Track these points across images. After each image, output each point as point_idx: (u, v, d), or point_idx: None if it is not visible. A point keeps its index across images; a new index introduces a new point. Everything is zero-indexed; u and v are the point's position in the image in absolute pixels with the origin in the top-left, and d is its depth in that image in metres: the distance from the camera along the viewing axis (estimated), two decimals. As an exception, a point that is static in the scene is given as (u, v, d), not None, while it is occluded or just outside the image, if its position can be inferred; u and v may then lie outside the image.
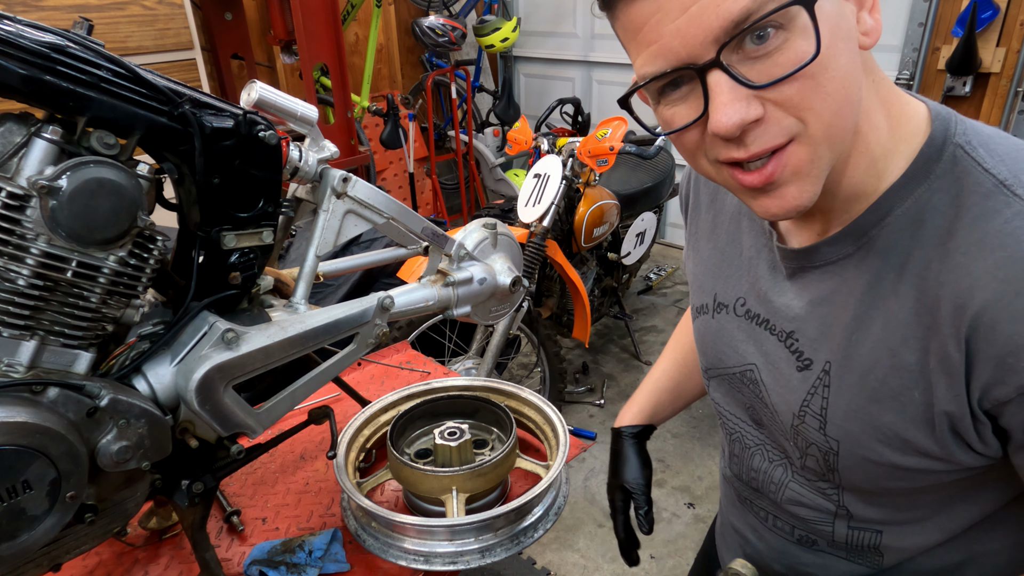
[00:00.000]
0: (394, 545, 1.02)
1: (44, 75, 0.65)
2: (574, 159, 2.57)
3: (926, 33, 3.11)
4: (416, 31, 3.87)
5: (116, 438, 0.75)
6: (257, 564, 1.02)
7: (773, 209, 0.55)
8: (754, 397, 0.72)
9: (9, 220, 0.66)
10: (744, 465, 0.78)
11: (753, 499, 0.78)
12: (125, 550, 1.08)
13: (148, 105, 0.72)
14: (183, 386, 0.80)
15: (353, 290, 2.32)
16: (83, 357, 0.75)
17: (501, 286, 1.12)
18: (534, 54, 4.89)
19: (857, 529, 0.67)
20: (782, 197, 0.54)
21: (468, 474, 1.05)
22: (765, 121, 0.50)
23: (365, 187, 0.94)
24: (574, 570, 2.19)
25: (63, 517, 0.73)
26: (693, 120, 0.52)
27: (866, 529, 0.67)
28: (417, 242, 1.03)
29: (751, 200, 0.56)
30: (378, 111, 3.73)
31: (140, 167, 0.73)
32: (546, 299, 2.89)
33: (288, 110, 0.87)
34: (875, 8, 0.53)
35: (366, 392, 1.51)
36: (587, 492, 2.51)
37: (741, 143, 0.51)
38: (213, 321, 0.82)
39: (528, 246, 2.43)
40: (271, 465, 1.29)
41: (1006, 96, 3.00)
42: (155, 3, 2.66)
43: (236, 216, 0.82)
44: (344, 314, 0.92)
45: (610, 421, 2.89)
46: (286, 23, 3.41)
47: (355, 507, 1.08)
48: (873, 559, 0.68)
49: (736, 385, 0.75)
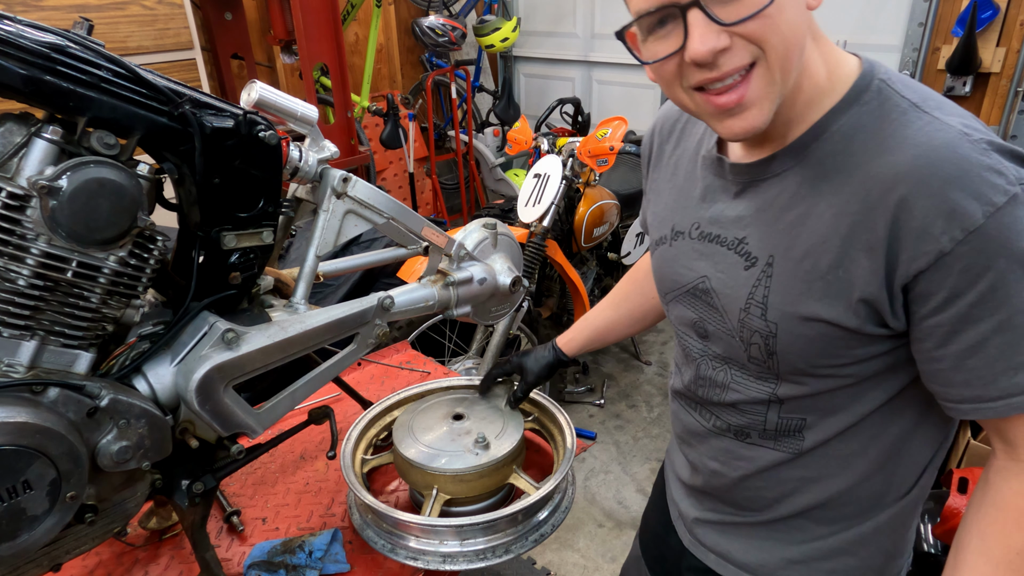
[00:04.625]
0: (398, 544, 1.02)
1: (44, 75, 0.65)
2: (574, 159, 2.57)
3: (926, 33, 3.11)
4: (416, 31, 3.87)
5: (116, 438, 0.75)
6: (256, 567, 1.02)
7: (736, 128, 0.67)
8: (704, 307, 0.83)
9: (9, 220, 0.66)
10: (693, 375, 0.89)
11: (695, 407, 0.91)
12: (125, 550, 1.08)
13: (148, 105, 0.72)
14: (183, 386, 0.80)
15: (353, 290, 2.32)
16: (83, 357, 0.75)
17: (501, 286, 1.12)
18: (534, 54, 4.89)
19: (786, 418, 0.79)
20: (745, 118, 0.66)
21: (450, 477, 1.05)
22: (731, 49, 0.63)
23: (365, 187, 0.94)
24: (574, 570, 2.19)
25: (63, 517, 0.73)
26: (676, 50, 0.64)
27: (793, 417, 0.79)
28: (417, 242, 1.03)
29: (718, 123, 0.69)
30: (378, 111, 3.73)
31: (140, 167, 0.73)
32: (546, 299, 2.89)
33: (288, 110, 0.87)
34: None
35: (366, 392, 1.51)
36: (587, 492, 2.51)
37: (713, 66, 0.64)
38: (213, 321, 0.82)
39: (528, 246, 2.42)
40: (271, 465, 1.29)
41: (1006, 96, 3.00)
42: (155, 3, 2.66)
43: (236, 216, 0.82)
44: (344, 314, 0.92)
45: (610, 421, 2.89)
46: (286, 23, 3.40)
47: (360, 503, 1.08)
48: (795, 444, 0.80)
49: (688, 301, 0.86)
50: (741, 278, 0.77)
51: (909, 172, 0.63)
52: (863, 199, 0.66)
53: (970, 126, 0.65)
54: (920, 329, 0.67)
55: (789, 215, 0.73)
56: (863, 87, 0.70)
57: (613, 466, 2.64)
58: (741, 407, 0.83)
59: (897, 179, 0.64)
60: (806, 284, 0.71)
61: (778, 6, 0.61)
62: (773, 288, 0.74)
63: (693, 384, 0.89)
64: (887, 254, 0.65)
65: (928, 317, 0.66)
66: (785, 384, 0.77)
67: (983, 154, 0.62)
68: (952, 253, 0.61)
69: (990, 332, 0.63)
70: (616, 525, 2.35)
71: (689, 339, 0.89)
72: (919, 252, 0.63)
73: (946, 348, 0.66)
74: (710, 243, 0.82)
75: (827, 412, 0.77)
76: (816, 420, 0.78)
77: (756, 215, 0.76)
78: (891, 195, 0.64)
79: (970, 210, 0.60)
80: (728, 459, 0.87)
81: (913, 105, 0.67)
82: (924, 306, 0.65)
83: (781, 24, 0.62)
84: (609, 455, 2.70)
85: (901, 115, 0.67)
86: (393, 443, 1.12)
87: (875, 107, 0.69)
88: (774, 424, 0.81)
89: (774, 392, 0.79)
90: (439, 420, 1.17)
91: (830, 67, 0.72)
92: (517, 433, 1.13)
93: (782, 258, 0.73)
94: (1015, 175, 0.61)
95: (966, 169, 0.61)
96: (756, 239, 0.76)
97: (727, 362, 0.83)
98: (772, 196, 0.75)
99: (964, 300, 0.63)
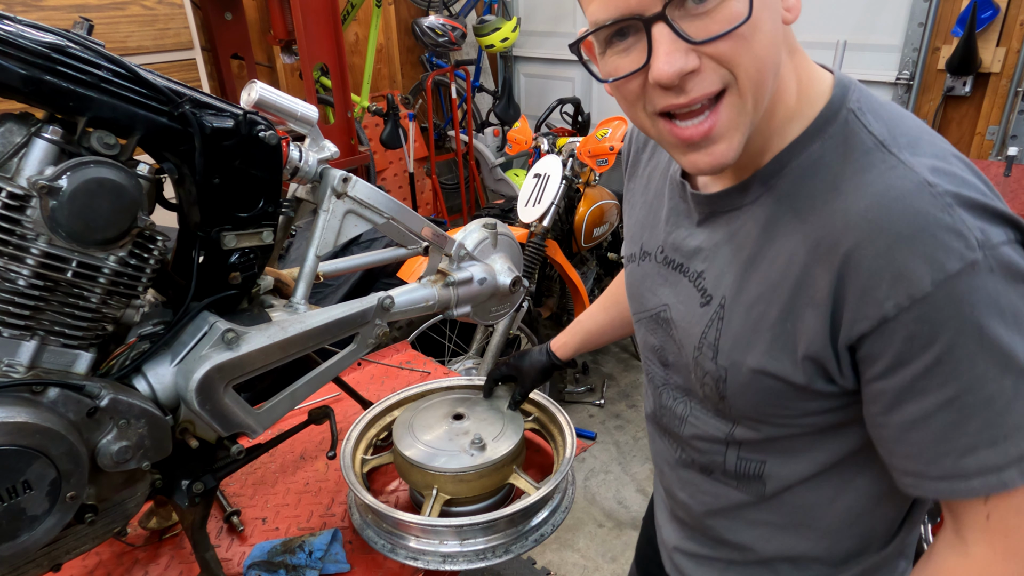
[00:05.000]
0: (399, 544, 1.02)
1: (44, 75, 0.65)
2: (574, 159, 2.57)
3: (926, 33, 3.11)
4: (416, 31, 3.87)
5: (116, 438, 0.75)
6: (256, 567, 1.02)
7: (702, 164, 0.61)
8: (665, 336, 0.79)
9: (9, 220, 0.66)
10: (655, 403, 0.85)
11: (664, 434, 0.86)
12: (125, 550, 1.08)
13: (148, 105, 0.72)
14: (183, 386, 0.80)
15: (353, 290, 2.32)
16: (83, 357, 0.75)
17: (501, 286, 1.12)
18: (534, 54, 4.89)
19: (745, 459, 0.74)
20: (711, 153, 0.60)
21: (450, 476, 1.05)
22: (701, 71, 0.56)
23: (365, 187, 0.94)
24: (574, 570, 2.18)
25: (63, 517, 0.73)
26: (637, 69, 0.58)
27: (752, 459, 0.74)
28: (417, 242, 1.03)
29: (682, 155, 0.62)
30: (378, 111, 3.73)
31: (140, 167, 0.73)
32: (546, 299, 2.89)
33: (288, 110, 0.87)
34: None
35: (366, 392, 1.51)
36: (587, 492, 2.51)
37: (680, 90, 0.57)
38: (213, 321, 0.82)
39: (528, 246, 2.42)
40: (271, 465, 1.29)
41: (1006, 96, 3.00)
42: (155, 3, 2.66)
43: (236, 216, 0.82)
44: (344, 314, 0.92)
45: (610, 421, 2.89)
46: (286, 23, 3.40)
47: (360, 503, 1.08)
48: (757, 488, 0.75)
49: (651, 327, 0.82)
50: (697, 315, 0.72)
51: (858, 224, 0.57)
52: (813, 247, 0.60)
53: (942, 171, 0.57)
54: (867, 391, 0.61)
55: (743, 255, 0.68)
56: (830, 117, 0.63)
57: (613, 466, 2.64)
58: (700, 443, 0.78)
59: (846, 230, 0.58)
60: (755, 333, 0.66)
61: (753, 24, 0.55)
62: (724, 332, 0.69)
63: (657, 411, 0.85)
64: (832, 311, 0.59)
65: (873, 381, 0.60)
66: (740, 427, 0.73)
67: (944, 210, 0.54)
68: (896, 320, 0.55)
69: (934, 408, 0.57)
70: (616, 525, 2.35)
71: (652, 364, 0.85)
72: (861, 315, 0.57)
73: (889, 416, 0.60)
74: (673, 271, 0.77)
75: (787, 458, 0.72)
76: (776, 467, 0.73)
77: (714, 249, 0.71)
78: (838, 248, 0.58)
79: (918, 275, 0.54)
80: (694, 492, 0.83)
81: (879, 144, 0.60)
82: (870, 369, 0.60)
83: (755, 44, 0.56)
84: (609, 455, 2.70)
85: (863, 155, 0.60)
86: (393, 443, 1.12)
87: (839, 142, 0.62)
88: (733, 464, 0.75)
89: (731, 433, 0.74)
90: (439, 420, 1.17)
91: (802, 87, 0.65)
92: (517, 433, 1.13)
93: (733, 301, 0.68)
94: (978, 238, 0.53)
95: (920, 227, 0.54)
96: (712, 276, 0.71)
97: (687, 394, 0.79)
98: (731, 231, 0.69)
99: (908, 370, 0.57)
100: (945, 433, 0.57)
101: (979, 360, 0.54)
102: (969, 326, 0.54)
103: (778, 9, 0.59)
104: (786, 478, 0.73)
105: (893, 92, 3.32)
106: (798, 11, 0.61)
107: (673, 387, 0.81)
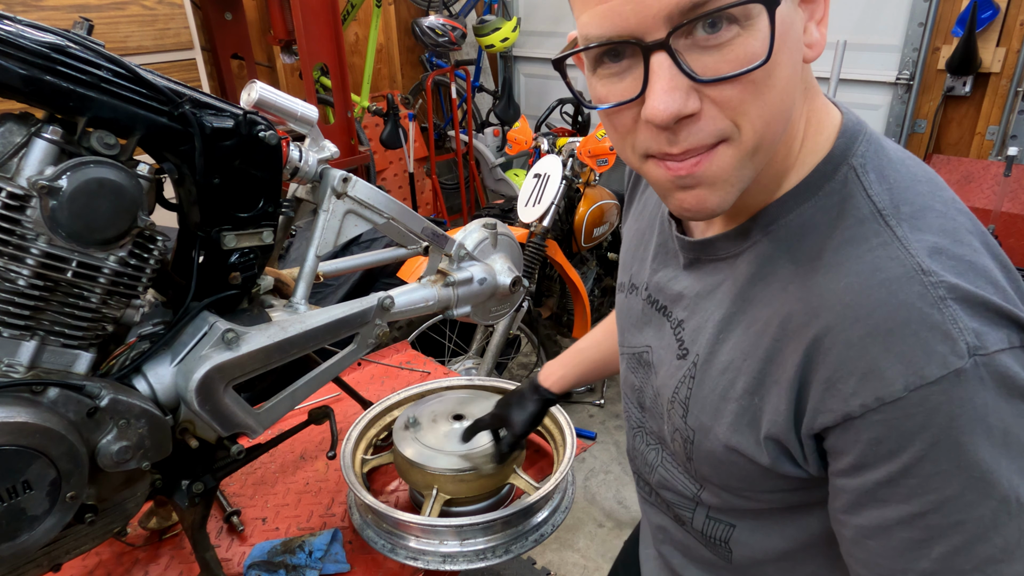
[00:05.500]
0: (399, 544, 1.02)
1: (44, 75, 0.65)
2: (574, 159, 2.57)
3: (926, 33, 3.11)
4: (416, 31, 3.86)
5: (116, 438, 0.75)
6: (256, 567, 1.02)
7: (687, 205, 0.54)
8: (644, 378, 0.74)
9: (9, 220, 0.66)
10: (630, 444, 0.81)
11: (638, 475, 0.81)
12: (125, 550, 1.08)
13: (148, 105, 0.72)
14: (183, 386, 0.80)
15: (353, 290, 2.32)
16: (83, 357, 0.75)
17: (501, 286, 1.12)
18: (534, 54, 4.89)
19: (713, 520, 0.68)
20: (698, 197, 0.52)
21: (450, 476, 1.05)
22: (700, 118, 0.48)
23: (365, 187, 0.94)
24: (574, 570, 2.19)
25: (63, 517, 0.72)
26: (630, 99, 0.49)
27: (721, 521, 0.68)
28: (417, 242, 1.03)
29: (668, 195, 0.55)
30: (378, 111, 3.73)
31: (140, 167, 0.73)
32: (546, 299, 2.89)
33: (288, 110, 0.87)
34: (824, 21, 0.52)
35: (366, 392, 1.51)
36: (587, 492, 2.51)
37: (673, 137, 0.49)
38: (213, 321, 0.82)
39: (528, 246, 2.42)
40: (271, 465, 1.29)
41: (1006, 96, 3.00)
42: (155, 3, 2.66)
43: (236, 216, 0.82)
44: (344, 314, 0.92)
45: (610, 421, 2.89)
46: (286, 23, 3.40)
47: (360, 503, 1.08)
48: (724, 553, 0.69)
49: (633, 365, 0.76)
50: (673, 366, 0.66)
51: (833, 306, 0.50)
52: (784, 322, 0.54)
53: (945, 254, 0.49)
54: (831, 483, 0.55)
55: (719, 313, 0.61)
56: (828, 172, 0.55)
57: (613, 466, 2.64)
58: (669, 495, 0.73)
59: (820, 310, 0.51)
60: (721, 401, 0.60)
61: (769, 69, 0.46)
62: (694, 394, 0.63)
63: (631, 452, 0.81)
64: (796, 397, 0.53)
65: (836, 476, 0.53)
66: (707, 491, 0.67)
67: (934, 306, 0.47)
68: (861, 419, 0.49)
69: (895, 522, 0.50)
70: (616, 525, 2.35)
71: (630, 404, 0.79)
72: (825, 407, 0.51)
73: (849, 516, 0.53)
74: (657, 312, 0.72)
75: (756, 528, 0.65)
76: (745, 534, 0.66)
77: (695, 300, 0.65)
78: (809, 328, 0.52)
79: (889, 376, 0.47)
80: (666, 538, 0.78)
81: (876, 213, 0.52)
82: (834, 463, 0.53)
83: (768, 93, 0.48)
84: (609, 455, 2.70)
85: (856, 224, 0.53)
86: (393, 443, 1.12)
87: (834, 204, 0.54)
88: (701, 524, 0.70)
89: (698, 494, 0.68)
90: (439, 420, 1.17)
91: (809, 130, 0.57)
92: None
93: (704, 363, 0.62)
94: (969, 343, 0.46)
95: (902, 322, 0.47)
96: (691, 329, 0.65)
97: (660, 442, 0.73)
98: (712, 283, 0.63)
99: (871, 475, 0.50)
100: (904, 551, 0.50)
101: (953, 480, 0.47)
102: (945, 441, 0.46)
103: (798, 47, 0.50)
104: (755, 548, 0.66)
105: (893, 92, 3.32)
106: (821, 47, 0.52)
107: (647, 432, 0.76)
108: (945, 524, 0.48)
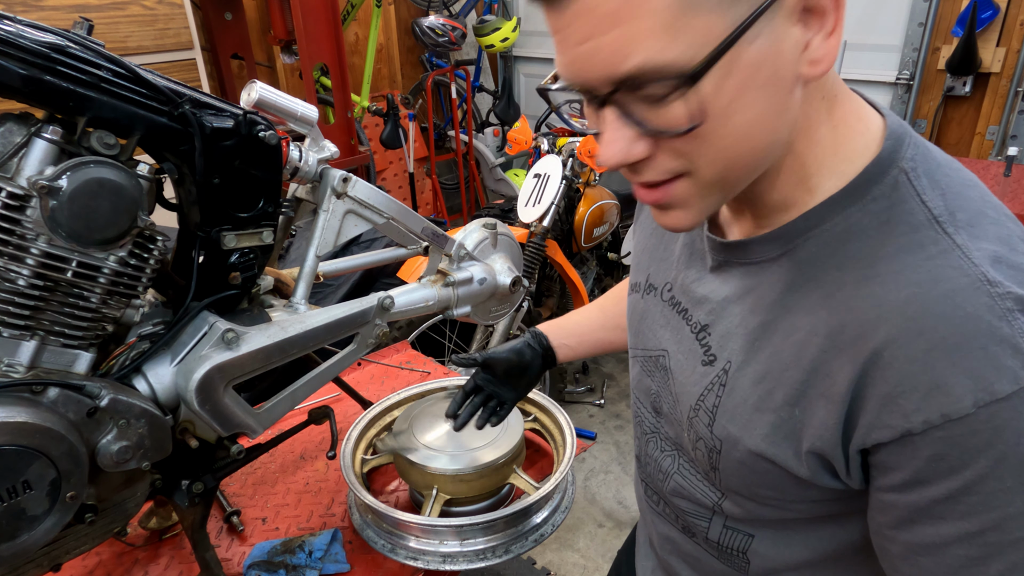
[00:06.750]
0: (399, 544, 1.02)
1: (44, 75, 0.65)
2: (574, 159, 2.57)
3: (926, 33, 3.11)
4: (416, 31, 3.86)
5: (116, 438, 0.75)
6: (256, 567, 1.02)
7: (663, 223, 0.55)
8: (661, 384, 0.72)
9: (9, 220, 0.66)
10: (641, 450, 0.79)
11: (648, 482, 0.79)
12: (125, 550, 1.08)
13: (148, 105, 0.72)
14: (183, 386, 0.80)
15: (353, 290, 2.32)
16: (83, 357, 0.75)
17: (501, 286, 1.12)
18: (534, 54, 4.89)
19: (731, 530, 0.67)
20: (673, 218, 0.54)
21: (450, 476, 1.05)
22: (654, 158, 0.50)
23: (365, 187, 0.94)
24: (574, 570, 2.19)
25: (63, 517, 0.73)
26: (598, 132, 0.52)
27: (739, 531, 0.66)
28: (417, 242, 1.03)
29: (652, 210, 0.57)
30: (378, 111, 3.73)
31: (140, 167, 0.73)
32: (546, 299, 2.89)
33: (288, 110, 0.87)
34: (835, 32, 0.48)
35: (366, 392, 1.51)
36: (587, 492, 2.51)
37: (631, 172, 0.52)
38: (213, 321, 0.82)
39: (528, 246, 2.43)
40: (271, 465, 1.29)
41: (1006, 96, 3.00)
42: (155, 3, 2.66)
43: (236, 216, 0.82)
44: (344, 314, 0.92)
45: (610, 421, 2.89)
46: (286, 23, 3.40)
47: (360, 503, 1.08)
48: (740, 564, 0.67)
49: (649, 368, 0.74)
50: (697, 373, 0.64)
51: (893, 319, 0.48)
52: (834, 333, 0.52)
53: (1007, 263, 0.47)
54: (875, 498, 0.53)
55: (754, 320, 0.59)
56: (876, 176, 0.53)
57: (613, 466, 2.64)
58: (682, 503, 0.71)
59: (878, 322, 0.49)
60: (756, 412, 0.58)
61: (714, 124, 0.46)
62: (724, 402, 0.61)
63: (642, 458, 0.78)
64: (847, 411, 0.51)
65: (884, 491, 0.52)
66: (729, 501, 0.65)
67: (1003, 318, 0.45)
68: (922, 436, 0.47)
69: (953, 539, 0.48)
70: (616, 525, 2.35)
71: (643, 408, 0.77)
72: (882, 422, 0.49)
73: (898, 531, 0.52)
74: (678, 314, 0.69)
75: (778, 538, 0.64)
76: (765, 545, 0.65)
77: (724, 305, 0.63)
78: (866, 341, 0.49)
79: (958, 393, 0.45)
80: (673, 549, 0.76)
81: (932, 219, 0.50)
82: (882, 478, 0.51)
83: (719, 141, 0.47)
84: (609, 455, 2.70)
85: (911, 232, 0.50)
86: (387, 447, 1.12)
87: (883, 209, 0.52)
88: (717, 534, 0.68)
89: (718, 503, 0.66)
90: (439, 420, 1.17)
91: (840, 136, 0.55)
92: (517, 433, 1.13)
93: (738, 371, 0.60)
94: None
95: (969, 336, 0.45)
96: (719, 335, 0.63)
97: (677, 448, 0.70)
98: (745, 287, 0.61)
99: (927, 491, 0.48)
100: (959, 568, 0.49)
101: (1017, 498, 0.46)
102: (1012, 458, 0.45)
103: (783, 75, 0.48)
104: (774, 560, 0.65)
105: (893, 92, 3.33)
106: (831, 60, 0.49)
107: (663, 438, 0.73)
108: (1005, 541, 0.47)
